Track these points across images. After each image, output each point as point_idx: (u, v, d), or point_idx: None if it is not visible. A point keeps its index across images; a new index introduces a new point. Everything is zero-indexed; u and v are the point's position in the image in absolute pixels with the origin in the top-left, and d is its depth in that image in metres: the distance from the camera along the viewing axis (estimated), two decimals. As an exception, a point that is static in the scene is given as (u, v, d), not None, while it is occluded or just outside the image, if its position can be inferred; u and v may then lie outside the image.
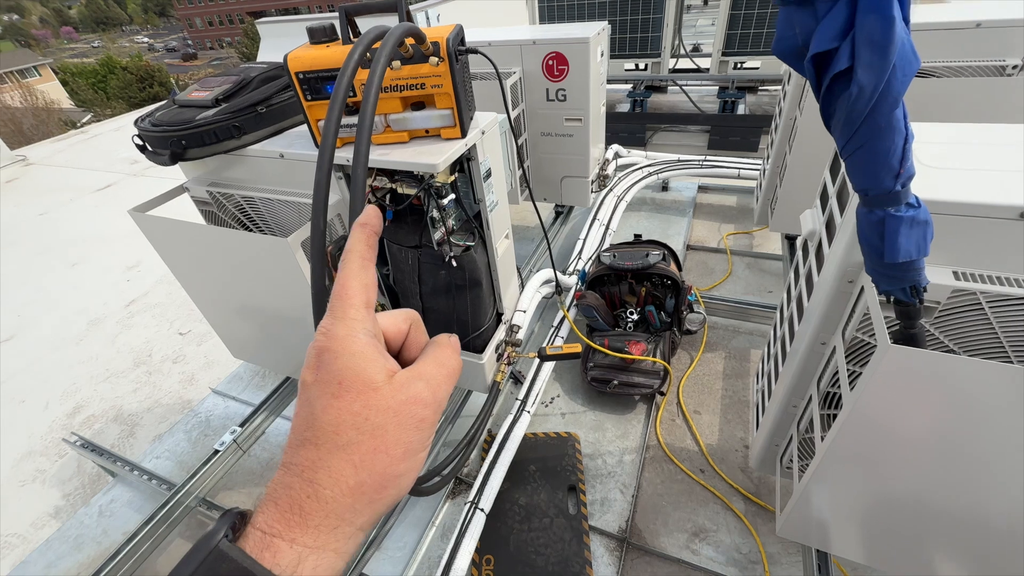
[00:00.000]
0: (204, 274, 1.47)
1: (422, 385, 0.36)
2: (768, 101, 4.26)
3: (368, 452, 0.33)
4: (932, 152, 0.81)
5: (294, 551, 0.31)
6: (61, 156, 6.35)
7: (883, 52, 0.48)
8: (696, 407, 1.75)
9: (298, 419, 0.34)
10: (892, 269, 0.63)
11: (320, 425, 0.33)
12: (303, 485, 0.32)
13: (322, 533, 0.32)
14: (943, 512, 0.82)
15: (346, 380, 0.33)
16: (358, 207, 0.76)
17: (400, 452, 0.34)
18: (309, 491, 0.32)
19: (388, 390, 0.34)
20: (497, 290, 1.44)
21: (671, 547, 1.38)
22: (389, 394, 0.34)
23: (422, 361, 0.38)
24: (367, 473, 0.33)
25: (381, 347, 0.36)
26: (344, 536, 0.33)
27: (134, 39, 63.43)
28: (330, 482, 0.32)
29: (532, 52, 2.07)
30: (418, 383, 0.36)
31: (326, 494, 0.32)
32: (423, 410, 0.35)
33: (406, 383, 0.35)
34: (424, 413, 0.35)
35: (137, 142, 1.26)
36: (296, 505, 0.32)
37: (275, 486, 0.33)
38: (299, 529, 0.31)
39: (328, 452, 0.32)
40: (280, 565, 0.30)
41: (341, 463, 0.32)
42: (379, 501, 0.34)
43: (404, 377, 0.35)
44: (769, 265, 2.40)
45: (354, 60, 0.83)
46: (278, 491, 0.32)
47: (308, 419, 0.33)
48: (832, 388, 0.95)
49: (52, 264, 4.17)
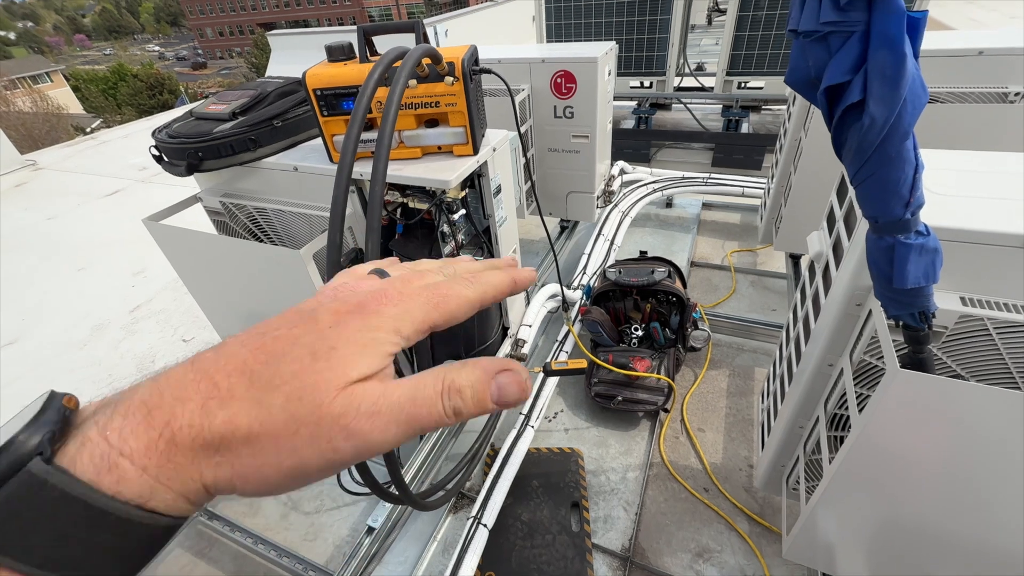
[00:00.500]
0: (215, 283, 1.48)
1: (369, 408, 0.27)
2: (771, 120, 4.31)
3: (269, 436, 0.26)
4: (940, 180, 0.82)
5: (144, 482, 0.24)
6: (70, 161, 6.42)
7: (895, 86, 0.49)
8: (700, 425, 1.75)
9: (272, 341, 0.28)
10: (901, 295, 0.64)
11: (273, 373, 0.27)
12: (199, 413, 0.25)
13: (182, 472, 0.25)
14: (951, 539, 0.82)
15: (337, 354, 0.28)
16: (375, 222, 0.78)
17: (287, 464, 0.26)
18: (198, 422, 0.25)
19: (343, 393, 0.27)
20: (503, 305, 1.45)
21: (675, 567, 1.36)
22: (339, 396, 0.27)
23: (401, 381, 0.30)
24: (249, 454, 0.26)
25: (393, 356, 0.31)
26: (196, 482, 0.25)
27: (145, 47, 64.46)
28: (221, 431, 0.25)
29: (541, 70, 2.10)
30: (368, 403, 0.28)
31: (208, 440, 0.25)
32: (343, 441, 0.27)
33: (360, 395, 0.28)
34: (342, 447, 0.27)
35: (154, 153, 1.28)
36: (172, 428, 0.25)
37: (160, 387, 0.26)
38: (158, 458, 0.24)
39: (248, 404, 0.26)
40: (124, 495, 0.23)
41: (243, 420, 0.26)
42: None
43: (366, 389, 0.28)
44: (773, 283, 2.41)
45: (375, 78, 0.85)
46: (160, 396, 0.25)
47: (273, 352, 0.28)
48: (839, 410, 0.95)
49: (58, 268, 4.19)
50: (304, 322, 0.30)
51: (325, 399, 0.27)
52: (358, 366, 0.28)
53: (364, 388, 0.28)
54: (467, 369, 0.31)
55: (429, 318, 0.32)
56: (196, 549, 1.55)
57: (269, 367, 0.27)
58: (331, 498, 1.65)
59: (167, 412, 0.25)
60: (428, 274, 0.37)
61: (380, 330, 0.30)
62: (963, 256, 0.73)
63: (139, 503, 0.24)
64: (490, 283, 0.36)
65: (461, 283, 0.35)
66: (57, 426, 0.23)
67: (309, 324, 0.30)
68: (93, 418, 0.25)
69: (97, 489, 0.22)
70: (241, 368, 0.27)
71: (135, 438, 0.24)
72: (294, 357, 0.28)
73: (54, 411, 0.24)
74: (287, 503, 1.66)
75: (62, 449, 0.23)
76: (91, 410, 0.26)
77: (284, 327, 0.30)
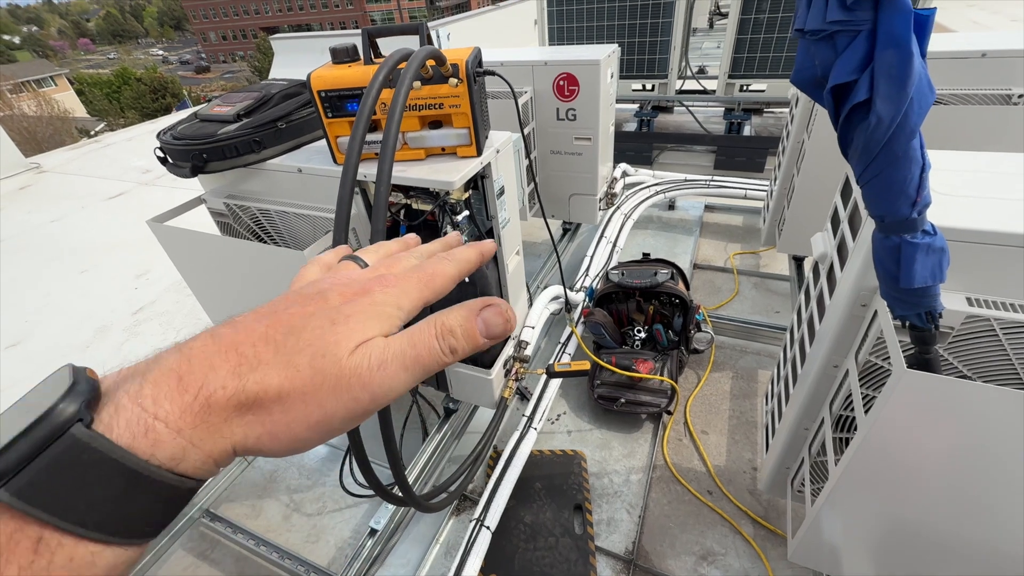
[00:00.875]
0: (218, 284, 1.48)
1: (377, 359, 0.31)
2: (774, 123, 4.31)
3: (298, 391, 0.28)
4: (946, 180, 0.82)
5: (177, 444, 0.25)
6: (74, 164, 6.44)
7: (901, 85, 0.49)
8: (703, 427, 1.74)
9: (287, 315, 0.31)
10: (908, 294, 0.64)
11: (297, 340, 0.29)
12: (231, 377, 0.27)
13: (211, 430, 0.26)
14: (957, 541, 0.82)
15: (353, 319, 0.31)
16: (380, 223, 0.78)
17: (315, 417, 0.29)
18: (231, 384, 0.27)
19: (356, 350, 0.30)
20: (507, 306, 1.45)
21: (679, 570, 1.36)
22: (352, 354, 0.30)
23: (400, 333, 0.33)
24: (280, 410, 0.28)
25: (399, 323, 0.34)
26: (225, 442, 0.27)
27: (149, 51, 64.82)
28: (255, 391, 0.27)
29: (544, 72, 2.11)
30: (376, 355, 0.31)
31: (242, 400, 0.27)
32: (362, 391, 0.30)
33: (368, 349, 0.31)
34: (361, 396, 0.30)
35: (158, 154, 1.29)
36: (206, 392, 0.26)
37: (188, 356, 0.27)
38: (192, 419, 0.26)
39: (278, 366, 0.28)
40: (157, 457, 0.25)
41: (275, 379, 0.28)
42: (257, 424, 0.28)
43: (372, 343, 0.31)
44: (776, 285, 2.41)
45: (380, 80, 0.85)
46: (189, 364, 0.27)
47: (292, 325, 0.30)
48: (845, 411, 0.95)
49: (62, 271, 4.20)
50: (315, 301, 0.33)
51: (343, 355, 0.30)
52: (371, 329, 0.32)
53: (370, 344, 0.31)
54: (455, 311, 0.35)
55: (423, 295, 0.36)
56: (198, 551, 1.55)
57: (290, 336, 0.30)
58: (333, 500, 1.64)
59: (199, 377, 0.27)
60: (403, 258, 0.41)
61: (387, 305, 0.34)
62: (969, 256, 0.73)
63: (171, 466, 0.25)
64: (463, 258, 0.41)
65: (441, 262, 0.39)
66: (92, 395, 0.25)
67: (320, 303, 0.32)
68: (123, 387, 0.26)
69: (133, 453, 0.24)
70: (264, 338, 0.29)
71: (169, 402, 0.25)
72: (315, 325, 0.31)
73: (85, 382, 0.25)
74: (289, 504, 1.65)
75: (96, 417, 0.24)
76: (113, 380, 0.27)
77: (296, 305, 0.32)
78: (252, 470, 1.78)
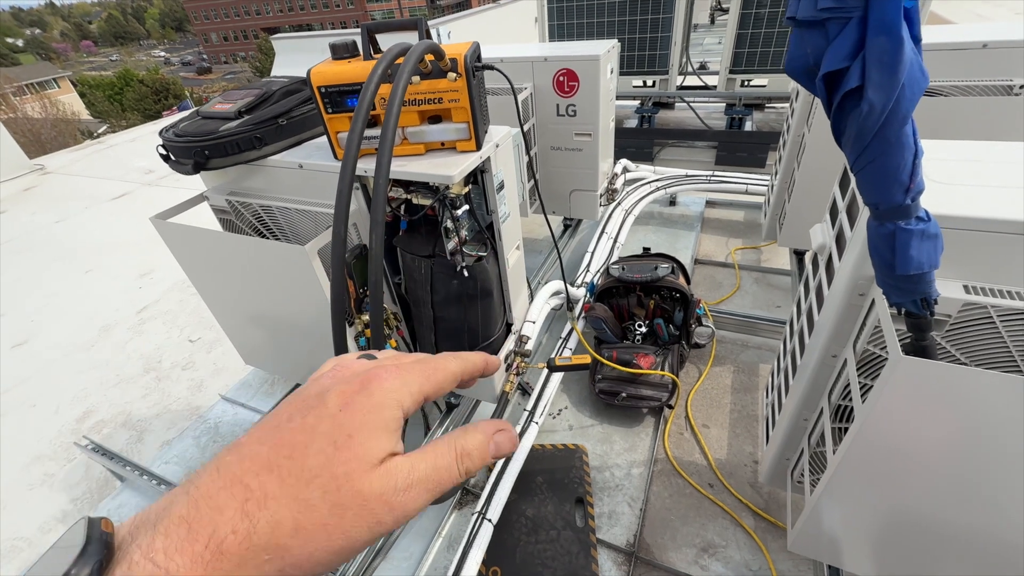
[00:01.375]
0: (221, 280, 1.50)
1: (404, 483, 0.31)
2: (775, 118, 4.30)
3: (317, 524, 0.28)
4: (942, 169, 0.82)
5: None
6: (78, 165, 6.48)
7: (892, 71, 0.49)
8: (704, 421, 1.75)
9: (288, 433, 0.31)
10: (903, 281, 0.64)
11: (301, 468, 0.29)
12: (240, 518, 0.27)
13: None
14: (955, 528, 0.82)
15: (356, 438, 0.31)
16: (380, 215, 0.79)
17: (339, 544, 0.29)
18: (242, 527, 0.27)
19: (376, 472, 0.31)
20: (507, 300, 1.46)
21: (680, 562, 1.36)
22: (374, 477, 0.30)
23: (421, 454, 0.34)
24: (299, 544, 0.28)
25: (402, 427, 0.35)
26: None
27: (151, 53, 65.01)
28: (267, 531, 0.27)
29: (543, 68, 2.11)
30: (402, 479, 0.31)
31: (255, 542, 0.27)
32: (387, 515, 0.30)
33: (393, 473, 0.31)
34: (386, 519, 0.30)
35: (161, 151, 1.30)
36: (217, 539, 0.26)
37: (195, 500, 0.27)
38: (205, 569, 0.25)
39: (287, 501, 0.28)
40: None
41: (287, 516, 0.28)
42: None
43: (395, 465, 0.32)
44: (777, 280, 2.41)
45: (378, 75, 0.86)
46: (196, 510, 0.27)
47: (294, 445, 0.30)
48: (843, 401, 0.95)
49: (66, 271, 4.23)
50: (314, 409, 0.32)
51: (363, 485, 0.30)
52: (378, 449, 0.31)
53: (395, 466, 0.32)
54: (471, 434, 0.37)
55: (423, 389, 0.36)
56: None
57: (294, 461, 0.29)
58: (337, 495, 1.66)
59: (208, 524, 0.27)
60: (412, 355, 0.41)
61: (385, 408, 0.33)
62: (966, 244, 0.73)
63: None
64: (470, 360, 0.42)
65: (447, 358, 0.40)
66: (104, 555, 0.25)
67: (320, 410, 0.32)
68: (135, 542, 0.26)
69: None
70: (267, 465, 0.29)
71: (180, 554, 0.25)
72: (317, 449, 0.30)
73: (98, 541, 0.25)
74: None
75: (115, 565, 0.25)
76: (128, 530, 0.27)
77: (297, 416, 0.32)
78: (256, 465, 1.79)
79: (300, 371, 1.74)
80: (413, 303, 1.44)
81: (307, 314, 1.35)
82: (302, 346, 1.56)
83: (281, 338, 1.60)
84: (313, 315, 1.33)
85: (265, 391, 2.16)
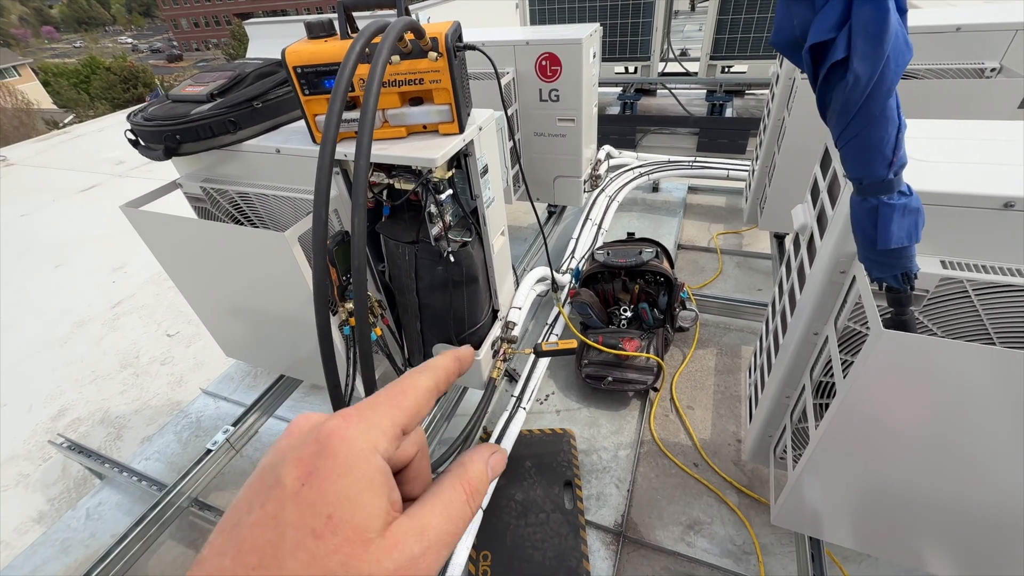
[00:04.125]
0: (198, 271, 1.46)
1: (420, 548, 0.27)
2: (755, 105, 4.34)
3: None
4: (920, 147, 0.84)
5: None
6: (43, 157, 6.23)
7: (878, 42, 0.49)
8: (689, 403, 1.77)
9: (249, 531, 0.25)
10: (884, 256, 0.65)
11: (283, 568, 0.24)
12: None
13: None
14: (933, 497, 0.85)
15: (337, 516, 0.25)
16: (361, 197, 0.77)
17: None
18: None
19: (380, 547, 0.25)
20: (493, 286, 1.45)
21: (666, 540, 1.39)
22: (380, 554, 0.25)
23: (428, 506, 0.29)
24: None
25: (389, 474, 0.29)
26: None
27: (117, 39, 62.50)
28: None
29: (525, 52, 2.09)
30: (416, 545, 0.27)
31: None
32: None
33: (402, 541, 0.26)
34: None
35: (129, 137, 1.25)
36: None
37: None
38: None
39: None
40: None
41: None
42: None
43: (402, 531, 0.27)
44: (758, 264, 2.44)
45: (355, 53, 0.83)
46: None
47: (262, 548, 0.24)
48: (825, 377, 0.97)
49: (35, 266, 4.08)
50: (272, 490, 0.26)
51: (368, 569, 0.25)
52: (372, 518, 0.26)
53: (401, 532, 0.27)
54: (475, 465, 0.33)
55: (396, 421, 0.30)
56: (188, 540, 1.54)
57: (267, 570, 0.24)
58: (324, 485, 1.64)
59: None
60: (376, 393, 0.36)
61: (359, 462, 0.27)
62: (943, 220, 0.74)
63: None
64: (440, 367, 0.36)
65: (412, 376, 0.34)
66: None
67: (277, 491, 0.26)
68: None
69: None
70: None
71: None
72: (292, 545, 0.24)
73: None
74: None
75: None
76: None
77: (256, 508, 0.26)
78: (241, 459, 1.77)
79: (283, 362, 1.71)
80: (398, 290, 1.42)
81: (288, 303, 1.33)
82: (284, 337, 1.53)
83: (262, 329, 1.57)
84: (294, 304, 1.31)
85: (248, 384, 2.12)
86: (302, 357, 1.57)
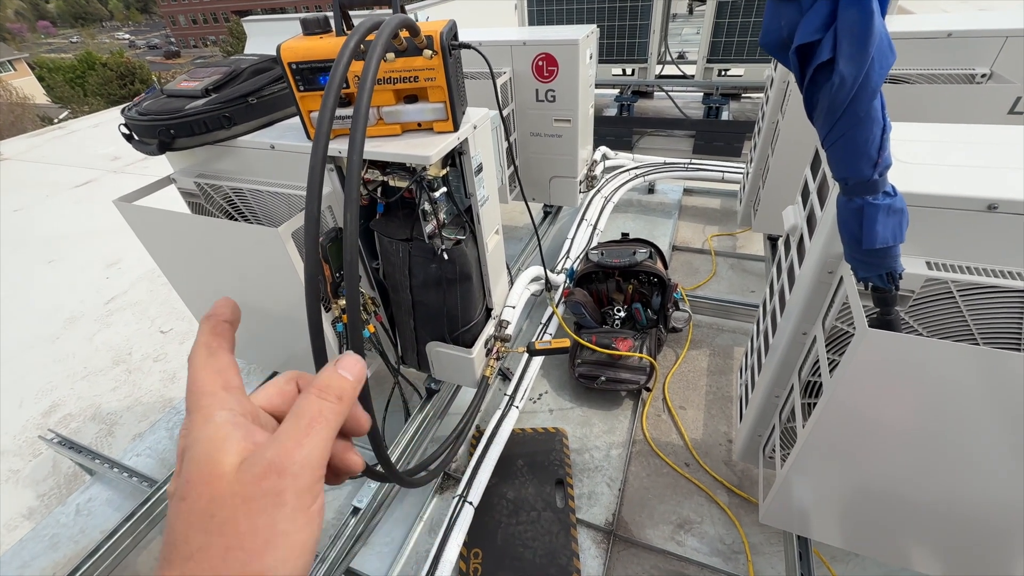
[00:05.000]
0: (192, 266, 1.45)
1: (272, 451, 0.30)
2: (751, 108, 4.36)
3: (219, 555, 0.27)
4: (907, 149, 0.85)
5: None
6: (37, 152, 6.19)
7: (863, 44, 0.50)
8: (681, 403, 1.78)
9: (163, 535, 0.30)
10: (870, 256, 0.66)
11: (172, 538, 0.28)
12: None
13: None
14: (918, 494, 0.86)
15: (192, 475, 0.29)
16: (354, 192, 0.77)
17: (260, 543, 0.28)
18: None
19: (236, 473, 0.29)
20: (487, 285, 1.45)
21: (657, 539, 1.40)
22: (236, 477, 0.29)
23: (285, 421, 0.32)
24: None
25: (246, 422, 0.32)
26: None
27: (115, 35, 62.16)
28: None
29: (522, 53, 2.09)
30: (268, 450, 0.30)
31: None
32: (278, 481, 0.29)
33: (257, 456, 0.30)
34: (280, 485, 0.29)
35: (123, 131, 1.25)
36: None
37: None
38: None
39: (180, 569, 0.27)
40: None
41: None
42: None
43: (258, 450, 0.30)
44: (752, 266, 2.46)
45: (349, 49, 0.83)
46: None
47: (167, 533, 0.29)
48: (813, 377, 0.98)
49: (27, 261, 4.05)
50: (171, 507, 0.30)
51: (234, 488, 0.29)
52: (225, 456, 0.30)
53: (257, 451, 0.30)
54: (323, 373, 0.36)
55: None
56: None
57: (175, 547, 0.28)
58: (316, 483, 1.64)
59: None
60: None
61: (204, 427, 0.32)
62: (929, 221, 0.75)
63: None
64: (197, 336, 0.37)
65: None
66: None
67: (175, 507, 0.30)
68: None
69: None
70: None
71: None
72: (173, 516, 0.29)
73: None
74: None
75: None
76: None
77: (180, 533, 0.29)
78: (232, 456, 1.76)
79: (276, 359, 1.70)
80: (391, 288, 1.42)
81: (282, 299, 1.33)
82: (278, 333, 1.52)
83: (256, 326, 1.56)
84: (288, 300, 1.31)
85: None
86: (295, 353, 1.57)
